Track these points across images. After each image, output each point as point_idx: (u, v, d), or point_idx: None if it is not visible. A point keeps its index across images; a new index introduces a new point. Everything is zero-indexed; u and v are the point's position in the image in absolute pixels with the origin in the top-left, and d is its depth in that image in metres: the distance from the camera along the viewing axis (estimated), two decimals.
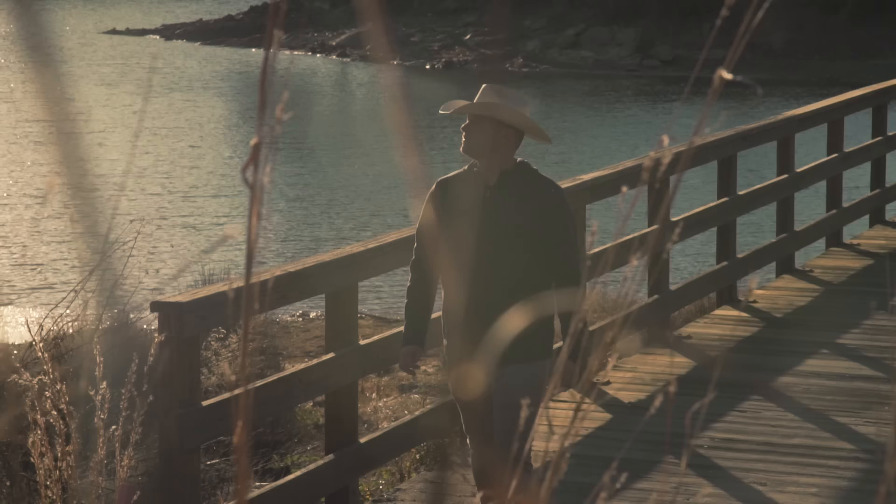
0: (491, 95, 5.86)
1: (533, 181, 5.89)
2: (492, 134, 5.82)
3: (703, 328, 10.50)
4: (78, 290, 7.51)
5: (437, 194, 5.89)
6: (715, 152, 10.98)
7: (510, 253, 5.77)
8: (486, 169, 5.85)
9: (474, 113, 5.84)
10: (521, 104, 5.91)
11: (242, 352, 1.46)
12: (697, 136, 1.50)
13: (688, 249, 18.60)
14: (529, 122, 5.92)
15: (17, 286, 18.70)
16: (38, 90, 40.02)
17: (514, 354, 5.76)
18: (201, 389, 6.18)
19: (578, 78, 43.34)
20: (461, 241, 5.75)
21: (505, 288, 5.73)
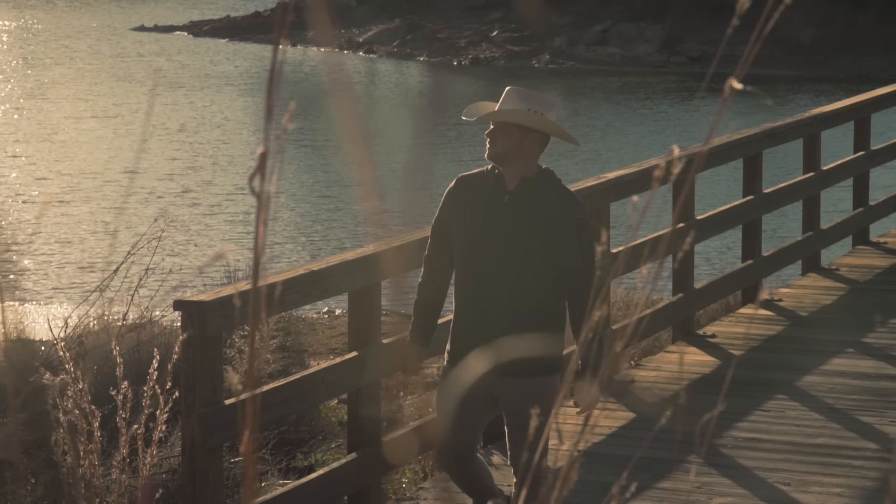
0: (516, 100, 5.71)
1: (555, 193, 5.72)
2: (518, 140, 5.67)
3: (728, 327, 10.47)
4: (102, 288, 7.54)
5: (456, 191, 5.77)
6: (741, 150, 10.95)
7: (521, 263, 5.62)
8: (508, 173, 5.71)
9: (502, 120, 5.68)
10: (547, 107, 5.74)
11: (249, 361, 1.47)
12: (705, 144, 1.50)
13: (713, 248, 18.55)
14: (557, 126, 5.76)
15: (44, 284, 18.80)
16: (68, 87, 40.20)
17: (521, 368, 5.62)
18: (224, 388, 6.20)
19: (605, 75, 43.25)
20: (472, 245, 5.63)
21: (513, 298, 5.59)
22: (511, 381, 5.65)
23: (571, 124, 34.55)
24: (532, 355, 5.60)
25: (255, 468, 1.78)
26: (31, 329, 11.83)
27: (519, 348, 5.56)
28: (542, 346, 5.63)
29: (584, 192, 8.75)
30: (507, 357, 5.56)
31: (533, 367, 5.67)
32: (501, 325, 5.59)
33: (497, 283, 5.61)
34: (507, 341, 5.58)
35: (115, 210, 23.37)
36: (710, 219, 10.54)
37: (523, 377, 5.66)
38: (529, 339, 5.58)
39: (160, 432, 4.97)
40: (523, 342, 5.56)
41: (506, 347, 5.56)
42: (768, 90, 39.58)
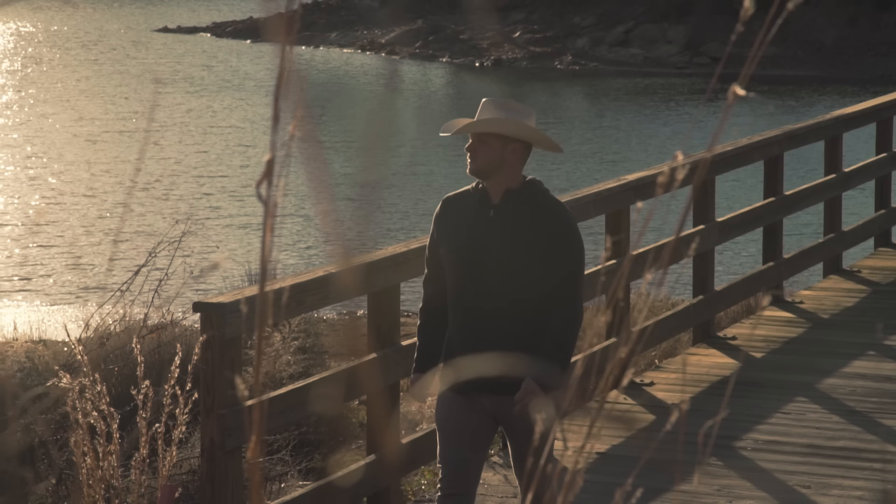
0: (493, 110, 5.52)
1: (541, 205, 5.52)
2: (499, 151, 5.48)
3: (749, 329, 10.44)
4: (124, 289, 7.57)
5: (442, 212, 5.62)
6: (761, 152, 10.93)
7: (510, 277, 5.45)
8: (492, 187, 5.52)
9: (480, 131, 5.48)
10: (525, 115, 5.56)
11: (256, 367, 1.48)
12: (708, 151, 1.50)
13: (734, 250, 18.51)
14: (537, 133, 5.57)
15: (68, 285, 18.88)
16: (93, 88, 40.34)
17: (516, 385, 5.43)
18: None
19: (628, 76, 43.20)
20: (461, 263, 5.48)
21: (506, 314, 5.43)
22: (509, 402, 5.46)
23: (595, 126, 34.52)
24: (529, 372, 5.42)
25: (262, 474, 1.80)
26: (53, 331, 11.88)
27: (515, 366, 5.39)
28: (536, 363, 5.44)
29: (604, 193, 8.75)
30: (504, 376, 5.41)
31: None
32: (495, 342, 5.44)
33: (488, 299, 5.45)
34: (503, 359, 5.42)
35: (139, 212, 23.45)
36: (731, 221, 10.52)
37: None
38: (526, 356, 5.41)
39: (180, 433, 4.99)
40: (519, 359, 5.39)
41: (501, 366, 5.41)
42: (792, 91, 39.47)
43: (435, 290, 5.61)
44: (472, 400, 5.53)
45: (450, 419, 5.55)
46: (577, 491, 1.57)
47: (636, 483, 3.74)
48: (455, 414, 5.53)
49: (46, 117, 34.93)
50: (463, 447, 5.54)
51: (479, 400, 5.51)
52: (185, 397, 4.97)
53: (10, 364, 9.26)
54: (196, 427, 7.20)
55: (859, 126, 12.71)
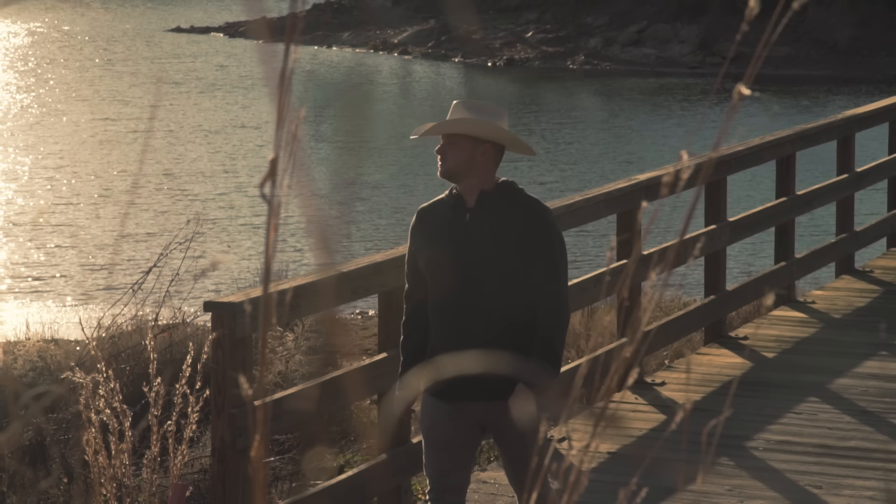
0: (463, 111, 5.42)
1: (517, 203, 5.43)
2: (469, 152, 5.38)
3: (760, 329, 10.43)
4: (136, 289, 7.58)
5: (418, 223, 5.52)
6: (773, 151, 10.91)
7: (492, 280, 5.34)
8: (465, 190, 5.42)
9: (447, 132, 5.39)
10: (496, 116, 5.46)
11: (262, 366, 1.48)
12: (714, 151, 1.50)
13: (746, 249, 18.48)
14: (508, 134, 5.46)
15: (80, 285, 18.92)
16: (107, 89, 40.40)
17: (504, 392, 5.35)
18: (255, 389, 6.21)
19: (641, 76, 43.16)
20: (441, 270, 5.37)
21: (489, 318, 5.32)
22: (499, 408, 5.36)
23: (609, 126, 34.49)
24: (517, 377, 5.31)
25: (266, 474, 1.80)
26: (66, 330, 11.91)
27: (502, 371, 5.29)
28: (526, 365, 5.35)
29: (615, 193, 8.74)
30: (490, 382, 5.32)
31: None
32: (482, 347, 5.32)
33: (470, 304, 5.34)
34: (489, 365, 5.30)
35: (152, 212, 23.49)
36: (743, 220, 10.50)
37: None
38: (512, 360, 5.30)
39: (190, 432, 5.00)
40: (506, 364, 5.28)
41: (487, 372, 5.31)
42: (805, 91, 39.39)
43: (416, 304, 5.50)
44: (458, 408, 5.42)
45: (434, 429, 5.46)
46: (581, 490, 1.57)
47: (646, 483, 3.73)
48: (440, 424, 5.44)
49: (60, 117, 35.00)
50: (449, 459, 5.45)
51: (466, 407, 5.41)
52: (195, 396, 4.98)
53: (22, 363, 9.29)
54: (207, 426, 7.22)
55: (872, 125, 12.68)
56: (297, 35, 1.40)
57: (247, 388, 1.39)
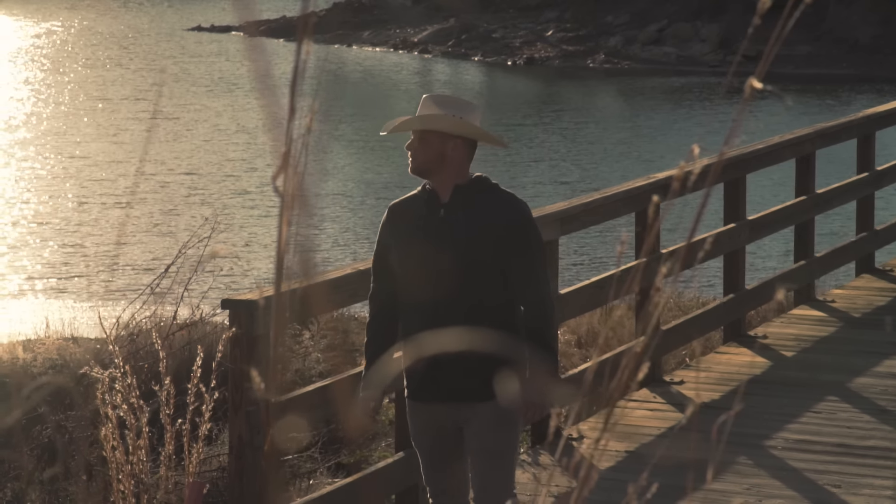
0: (432, 106, 5.31)
1: (492, 197, 5.30)
2: (439, 148, 5.26)
3: (780, 328, 10.41)
4: (154, 287, 7.60)
5: (390, 220, 5.37)
6: (793, 150, 10.89)
7: (468, 277, 5.21)
8: (438, 186, 5.30)
9: (416, 128, 5.28)
10: (467, 110, 5.34)
11: (273, 363, 1.48)
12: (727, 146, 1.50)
13: (765, 248, 18.44)
14: (478, 128, 5.33)
15: (100, 284, 18.97)
16: (128, 87, 40.51)
17: (483, 392, 5.23)
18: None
19: (662, 74, 43.10)
20: (414, 269, 5.23)
21: (466, 317, 5.17)
22: (474, 407, 5.25)
23: (630, 125, 34.45)
24: (494, 375, 5.20)
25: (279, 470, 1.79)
26: (85, 328, 11.95)
27: (478, 371, 5.20)
28: (504, 365, 5.22)
29: (634, 192, 8.73)
30: (462, 383, 5.22)
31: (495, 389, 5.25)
32: (456, 348, 5.19)
33: (446, 303, 5.19)
34: (465, 365, 5.21)
35: (173, 211, 23.55)
36: (762, 219, 10.48)
37: (486, 401, 5.25)
38: (488, 360, 5.18)
39: (205, 430, 5.01)
40: (482, 364, 5.19)
41: (464, 372, 5.22)
42: (828, 90, 39.27)
43: (383, 305, 5.35)
44: (433, 411, 5.32)
45: (422, 437, 5.39)
46: (592, 485, 1.57)
47: (663, 481, 3.74)
48: (426, 431, 5.36)
49: (82, 116, 35.11)
50: (439, 465, 5.37)
51: (439, 409, 5.30)
52: (209, 394, 4.99)
53: (42, 361, 9.33)
54: (225, 423, 7.23)
55: (892, 124, 12.63)
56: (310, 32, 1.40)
57: (259, 384, 1.39)
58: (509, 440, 5.30)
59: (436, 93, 5.44)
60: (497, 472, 5.28)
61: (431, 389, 5.29)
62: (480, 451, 5.28)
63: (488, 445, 5.27)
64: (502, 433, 5.27)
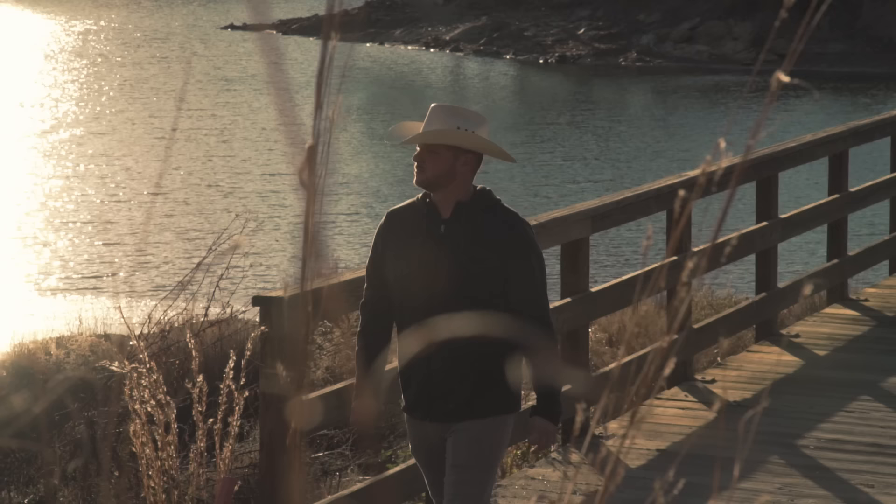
0: (443, 118, 5.12)
1: (496, 215, 5.14)
2: (450, 162, 5.09)
3: (812, 326, 10.36)
4: (184, 283, 7.62)
5: (387, 228, 5.21)
6: (826, 148, 10.83)
7: (465, 296, 5.06)
8: (440, 200, 5.14)
9: (432, 142, 5.09)
10: (478, 124, 5.15)
11: (301, 357, 1.48)
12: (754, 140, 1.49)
13: (798, 247, 18.35)
14: (490, 143, 5.17)
15: (134, 281, 19.04)
16: (162, 86, 40.66)
17: (470, 409, 5.14)
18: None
19: (694, 73, 42.96)
20: (410, 282, 5.10)
21: (459, 335, 5.02)
22: (459, 425, 5.16)
23: (664, 124, 34.35)
24: (481, 396, 5.13)
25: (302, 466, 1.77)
26: (118, 326, 12.01)
27: (469, 389, 5.12)
28: (492, 385, 5.14)
29: (665, 190, 8.70)
30: (457, 400, 5.13)
31: (481, 407, 5.16)
32: (450, 365, 5.11)
33: (441, 319, 5.02)
34: (457, 383, 5.13)
35: (206, 210, 23.63)
36: (795, 217, 10.43)
37: (471, 419, 5.16)
38: (480, 378, 5.12)
39: (235, 426, 5.02)
40: (474, 383, 5.11)
41: (455, 390, 5.13)
42: (864, 89, 39.05)
43: (374, 314, 5.22)
44: (426, 427, 5.24)
45: (417, 452, 5.32)
46: (618, 481, 1.56)
47: (693, 480, 3.71)
48: (420, 446, 5.30)
49: (115, 115, 35.28)
50: (440, 477, 5.28)
51: (430, 427, 5.22)
52: (240, 391, 5.00)
53: (74, 357, 9.38)
54: (257, 420, 7.24)
55: None
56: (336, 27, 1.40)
57: (285, 379, 1.38)
58: (484, 456, 5.17)
59: (444, 103, 5.24)
60: (467, 487, 5.15)
61: (423, 407, 5.19)
62: (453, 465, 5.17)
63: (460, 460, 5.15)
64: (477, 449, 5.16)
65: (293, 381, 1.41)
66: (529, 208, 21.91)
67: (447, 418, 5.16)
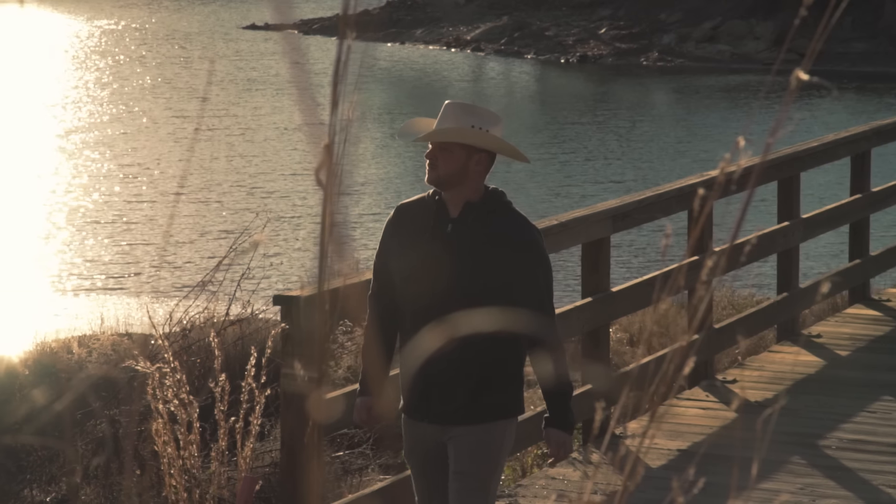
0: (457, 116, 5.01)
1: (505, 218, 5.04)
2: (463, 161, 4.99)
3: (834, 327, 10.33)
4: (205, 282, 7.65)
5: (395, 222, 5.12)
6: (848, 148, 10.80)
7: (467, 296, 4.95)
8: (450, 198, 5.04)
9: (444, 140, 4.99)
10: (492, 122, 5.04)
11: (320, 354, 1.48)
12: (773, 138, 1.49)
13: (820, 247, 18.30)
14: (505, 143, 5.06)
15: (157, 280, 19.10)
16: (186, 86, 40.75)
17: (469, 414, 5.05)
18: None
19: (716, 72, 42.86)
20: (413, 281, 5.01)
21: (461, 339, 4.90)
22: (458, 429, 5.07)
23: (686, 123, 34.28)
24: (481, 400, 5.04)
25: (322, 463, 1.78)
26: (140, 325, 12.04)
27: (468, 393, 5.02)
28: (493, 389, 5.04)
29: (686, 189, 8.69)
30: (456, 403, 5.03)
31: (482, 412, 5.05)
32: (449, 368, 5.00)
33: (443, 321, 4.90)
34: (456, 386, 5.03)
35: (228, 209, 23.68)
36: (817, 217, 10.40)
37: (471, 424, 5.06)
38: (480, 383, 5.02)
39: (256, 425, 5.03)
40: (473, 386, 5.02)
41: (455, 392, 5.04)
42: (886, 88, 38.90)
43: (382, 307, 5.11)
44: (424, 429, 5.14)
45: (414, 455, 5.20)
46: (638, 480, 1.56)
47: (712, 479, 3.69)
48: (415, 449, 5.18)
49: (138, 115, 35.37)
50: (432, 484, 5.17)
51: (427, 429, 5.13)
52: (261, 390, 5.01)
53: (97, 356, 9.41)
54: (278, 419, 7.26)
55: None
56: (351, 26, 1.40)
57: (303, 377, 1.39)
58: (487, 462, 5.09)
59: (458, 100, 5.13)
60: (472, 496, 5.08)
61: (422, 409, 5.10)
62: (457, 473, 5.08)
63: (465, 468, 5.06)
64: (479, 455, 5.08)
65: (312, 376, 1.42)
66: (551, 208, 21.90)
67: (446, 420, 5.07)
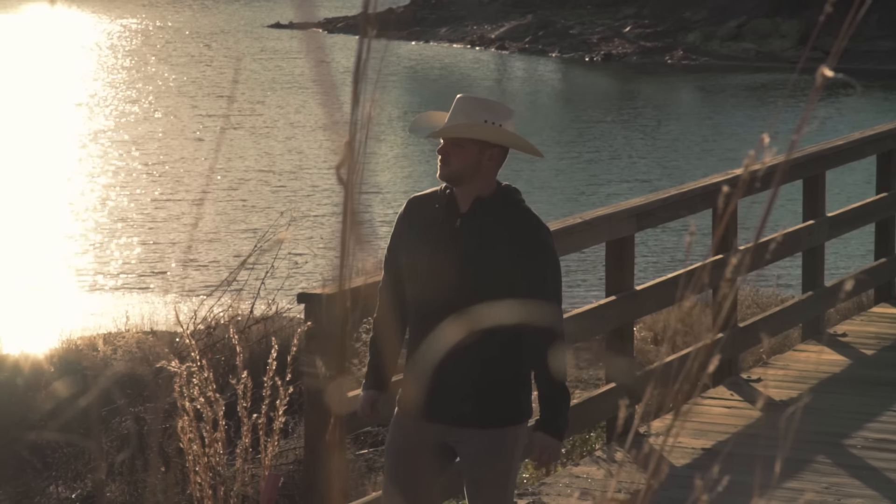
0: (470, 111, 4.94)
1: (513, 217, 4.95)
2: (476, 157, 4.90)
3: (860, 326, 10.29)
4: (230, 281, 7.67)
5: (406, 215, 5.05)
6: (874, 146, 10.76)
7: (472, 293, 4.86)
8: (461, 193, 4.95)
9: (457, 135, 4.91)
10: (505, 117, 4.96)
11: (340, 346, 1.49)
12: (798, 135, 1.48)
13: (845, 246, 18.24)
14: (518, 138, 4.98)
15: (181, 279, 19.17)
16: (211, 86, 40.85)
17: (477, 417, 4.92)
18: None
19: (741, 71, 42.75)
20: (421, 276, 4.95)
21: (468, 336, 4.83)
22: (465, 432, 4.94)
23: (711, 122, 34.19)
24: (491, 402, 4.93)
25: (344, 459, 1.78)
26: (164, 322, 12.09)
27: (476, 394, 4.91)
28: (501, 392, 4.94)
29: (711, 188, 8.67)
30: (462, 404, 4.91)
31: (491, 416, 4.94)
32: (456, 366, 4.87)
33: (446, 315, 4.80)
34: (463, 386, 4.91)
35: (253, 208, 23.73)
36: (842, 216, 10.37)
37: (479, 428, 4.93)
38: (487, 384, 4.91)
39: (280, 423, 5.04)
40: (481, 387, 4.91)
41: (461, 393, 4.91)
42: None
43: (391, 299, 5.02)
44: (423, 427, 5.02)
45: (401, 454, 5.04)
46: (661, 478, 1.56)
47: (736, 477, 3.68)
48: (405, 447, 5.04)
49: (166, 115, 35.47)
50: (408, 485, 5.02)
51: (428, 428, 4.98)
52: (285, 387, 5.02)
53: (122, 354, 9.45)
54: (303, 416, 7.27)
55: None
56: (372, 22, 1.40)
57: (325, 375, 1.39)
58: (504, 470, 5.00)
59: (470, 95, 5.07)
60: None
61: (423, 407, 4.96)
62: (475, 481, 4.97)
63: (483, 476, 4.96)
64: (497, 464, 4.98)
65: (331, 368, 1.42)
66: (576, 206, 21.88)
67: (454, 421, 4.95)
